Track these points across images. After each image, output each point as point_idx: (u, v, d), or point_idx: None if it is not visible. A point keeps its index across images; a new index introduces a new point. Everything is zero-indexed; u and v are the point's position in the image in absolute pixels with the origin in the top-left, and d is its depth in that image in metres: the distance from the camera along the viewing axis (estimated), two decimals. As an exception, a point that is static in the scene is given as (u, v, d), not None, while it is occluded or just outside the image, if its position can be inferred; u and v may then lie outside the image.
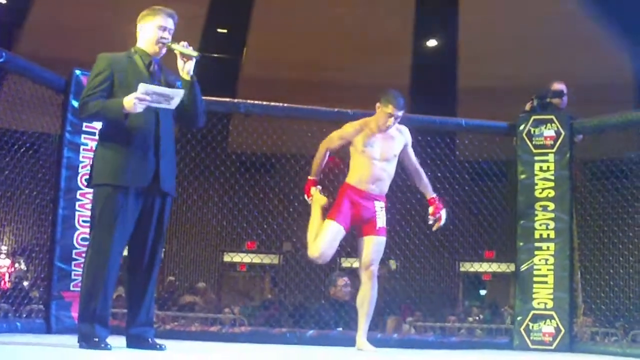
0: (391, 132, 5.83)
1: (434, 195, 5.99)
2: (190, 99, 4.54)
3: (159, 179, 4.44)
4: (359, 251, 5.80)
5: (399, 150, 5.86)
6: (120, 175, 4.38)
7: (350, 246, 6.31)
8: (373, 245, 5.75)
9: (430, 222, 5.95)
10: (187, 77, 4.53)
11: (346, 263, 9.15)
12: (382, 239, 5.80)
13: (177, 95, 4.35)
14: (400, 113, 5.74)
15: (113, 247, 4.34)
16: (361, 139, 5.77)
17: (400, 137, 5.88)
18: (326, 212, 5.77)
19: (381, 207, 5.80)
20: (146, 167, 4.41)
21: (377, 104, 5.80)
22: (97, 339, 4.25)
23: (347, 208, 5.73)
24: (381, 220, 5.77)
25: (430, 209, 5.95)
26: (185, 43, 4.56)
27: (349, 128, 5.87)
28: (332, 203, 5.80)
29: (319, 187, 5.86)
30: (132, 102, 4.25)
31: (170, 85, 4.56)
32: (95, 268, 4.36)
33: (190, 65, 4.53)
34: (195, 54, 4.51)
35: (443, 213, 5.92)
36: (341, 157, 6.05)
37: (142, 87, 4.27)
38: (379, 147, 5.76)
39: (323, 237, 5.67)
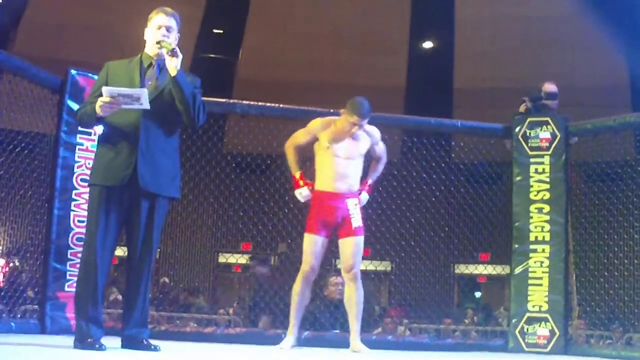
0: (358, 133, 5.83)
1: (370, 181, 5.98)
2: (177, 95, 4.51)
3: (139, 178, 4.43)
4: (340, 253, 5.82)
5: (365, 150, 5.89)
6: (99, 174, 4.47)
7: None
8: (351, 247, 5.78)
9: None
10: (173, 73, 4.52)
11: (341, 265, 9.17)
12: (360, 239, 5.82)
13: (142, 94, 4.35)
14: (364, 122, 5.73)
15: (97, 246, 4.37)
16: (327, 135, 5.81)
17: (367, 138, 5.90)
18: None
19: (355, 204, 5.81)
20: (122, 166, 4.42)
21: (342, 110, 5.81)
22: (91, 339, 4.26)
23: (320, 216, 5.78)
24: (356, 220, 5.78)
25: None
26: (171, 40, 4.57)
27: (316, 123, 5.91)
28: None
29: (306, 184, 5.87)
30: (99, 106, 4.33)
31: (159, 87, 4.56)
32: (83, 267, 4.44)
33: (176, 61, 4.50)
34: (170, 46, 4.49)
35: (363, 195, 5.90)
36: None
37: (105, 90, 4.34)
38: (343, 145, 5.79)
39: (306, 252, 5.76)
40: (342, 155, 5.76)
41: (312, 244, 5.74)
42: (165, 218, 4.69)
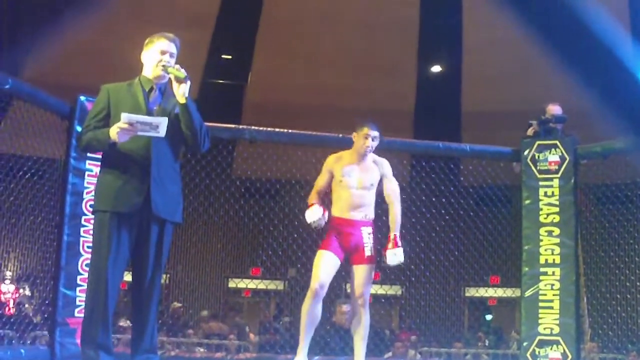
0: (368, 164, 5.89)
1: (397, 233, 5.94)
2: (185, 122, 4.53)
3: (151, 204, 4.43)
4: (350, 280, 5.83)
5: (377, 181, 5.91)
6: (109, 200, 4.40)
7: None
8: (363, 276, 5.78)
9: (385, 256, 5.88)
10: (182, 100, 4.53)
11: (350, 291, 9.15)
12: (372, 267, 5.83)
13: (162, 122, 4.35)
14: (374, 133, 5.80)
15: (108, 272, 4.33)
16: (339, 168, 5.86)
17: (377, 169, 5.94)
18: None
19: (369, 234, 5.83)
20: (135, 192, 4.41)
21: (353, 134, 5.89)
22: (101, 366, 4.24)
23: (335, 238, 5.79)
24: (369, 248, 5.80)
25: (389, 246, 5.88)
26: (177, 66, 4.57)
27: (329, 160, 5.99)
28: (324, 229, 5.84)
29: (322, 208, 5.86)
30: (115, 132, 4.29)
31: (166, 111, 4.56)
32: (92, 294, 4.38)
33: (184, 88, 4.51)
34: (183, 75, 4.50)
35: (399, 252, 5.86)
36: None
37: (125, 116, 4.30)
38: (356, 176, 5.83)
39: (318, 268, 5.72)
40: (355, 186, 5.81)
41: (323, 260, 5.70)
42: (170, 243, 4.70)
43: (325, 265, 5.72)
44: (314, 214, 5.73)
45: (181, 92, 4.51)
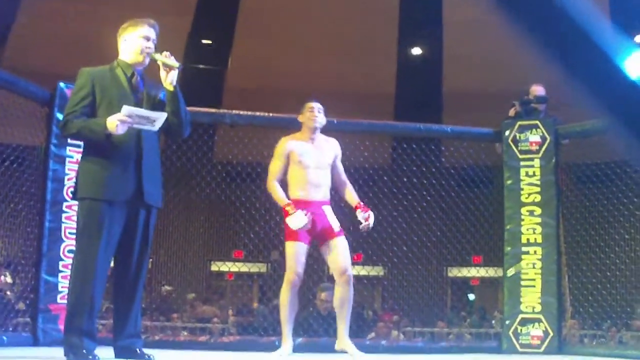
0: (321, 143, 5.94)
1: (359, 201, 5.95)
2: (174, 109, 4.54)
3: (142, 192, 4.43)
4: (327, 258, 5.83)
5: (332, 160, 5.94)
6: (103, 189, 4.37)
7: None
8: (341, 248, 5.77)
9: (362, 225, 5.87)
10: (170, 88, 4.52)
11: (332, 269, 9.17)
12: (345, 240, 5.84)
13: (160, 117, 4.34)
14: (316, 104, 5.90)
15: (99, 260, 4.32)
16: (296, 149, 5.87)
17: (330, 149, 5.98)
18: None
19: (331, 211, 5.85)
20: (128, 181, 4.41)
21: (299, 116, 5.97)
22: (85, 351, 4.24)
23: None
24: (336, 225, 5.80)
25: (360, 213, 5.88)
26: (168, 53, 4.55)
27: (280, 144, 5.97)
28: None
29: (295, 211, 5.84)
30: (115, 124, 4.25)
31: (152, 97, 4.56)
32: (81, 281, 4.34)
33: (173, 75, 4.52)
34: (176, 64, 4.50)
35: (371, 215, 5.88)
36: None
37: (126, 109, 4.27)
38: (312, 156, 5.86)
39: (292, 259, 5.72)
40: (312, 165, 5.83)
41: (295, 251, 5.71)
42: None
43: (297, 255, 5.72)
44: (299, 221, 5.65)
45: (170, 79, 4.51)
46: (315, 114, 5.87)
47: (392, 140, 9.45)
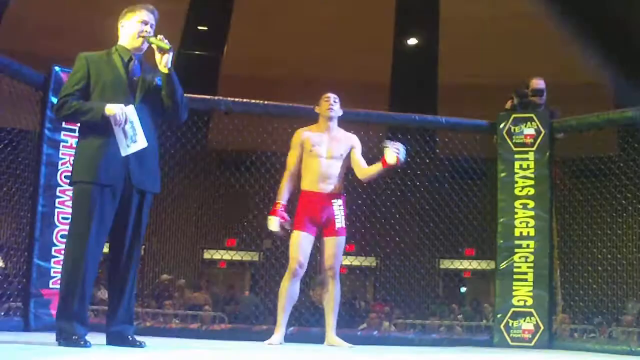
0: (337, 135, 6.01)
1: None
2: (169, 92, 4.54)
3: (130, 176, 4.43)
4: (320, 251, 5.92)
5: (346, 152, 5.98)
6: (94, 172, 4.36)
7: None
8: (334, 247, 5.88)
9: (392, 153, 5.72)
10: (165, 70, 4.53)
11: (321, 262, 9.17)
12: (342, 239, 5.93)
13: (141, 143, 4.38)
14: (332, 95, 6.00)
15: (89, 244, 4.31)
16: (309, 139, 5.95)
17: (347, 140, 6.04)
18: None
19: (339, 206, 5.91)
20: (118, 165, 4.40)
21: (315, 107, 6.09)
22: (76, 337, 4.23)
23: (306, 214, 5.87)
24: (340, 221, 5.88)
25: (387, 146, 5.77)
26: (161, 36, 4.56)
27: (297, 134, 6.07)
28: (291, 223, 5.88)
29: (280, 216, 5.87)
30: (114, 112, 4.28)
31: (147, 82, 4.55)
32: (72, 266, 4.33)
33: (167, 58, 4.53)
34: (167, 46, 4.51)
35: (400, 147, 5.69)
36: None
37: (131, 110, 4.32)
38: (325, 146, 5.92)
39: (296, 249, 5.81)
40: (325, 155, 5.89)
41: (299, 241, 5.79)
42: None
43: (302, 245, 5.80)
44: (272, 225, 5.82)
45: (164, 62, 4.51)
46: (331, 103, 5.95)
47: (387, 130, 9.43)
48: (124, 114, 4.32)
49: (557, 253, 7.31)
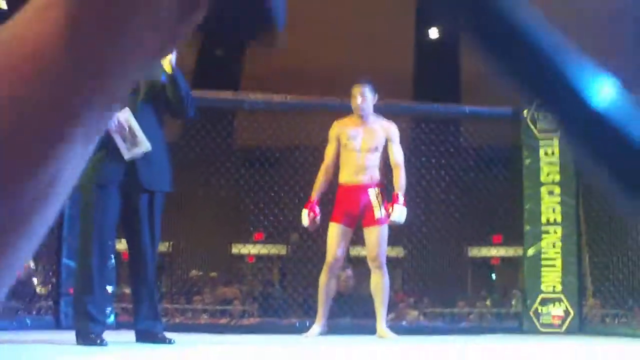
0: (373, 126, 5.97)
1: (400, 193, 5.93)
2: (172, 89, 4.55)
3: (137, 176, 4.44)
4: (365, 242, 5.90)
5: (381, 144, 5.97)
6: (93, 173, 4.38)
7: (354, 235, 6.33)
8: (375, 237, 5.87)
9: (391, 211, 5.86)
10: (169, 68, 4.54)
11: (353, 252, 9.15)
12: (384, 228, 5.90)
13: (142, 146, 4.38)
14: (361, 89, 5.89)
15: (94, 242, 4.36)
16: (345, 132, 5.96)
17: (383, 132, 6.01)
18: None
19: (377, 194, 5.88)
20: (119, 164, 4.42)
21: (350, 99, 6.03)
22: (93, 335, 4.27)
23: (343, 207, 5.89)
24: (379, 210, 5.84)
25: (395, 203, 5.88)
26: None
27: (333, 128, 6.08)
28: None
29: (313, 213, 5.91)
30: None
31: (150, 81, 4.55)
32: (81, 265, 4.44)
33: (171, 57, 4.53)
34: None
35: (397, 208, 5.83)
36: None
37: (126, 114, 4.34)
38: (361, 139, 5.92)
39: (331, 243, 5.86)
40: (359, 148, 5.89)
41: (335, 234, 5.85)
42: (163, 212, 4.69)
43: (338, 238, 5.84)
44: (304, 219, 5.93)
45: (168, 60, 4.52)
46: (358, 98, 5.90)
47: (411, 121, 9.42)
48: (116, 120, 4.31)
49: (584, 239, 7.27)
